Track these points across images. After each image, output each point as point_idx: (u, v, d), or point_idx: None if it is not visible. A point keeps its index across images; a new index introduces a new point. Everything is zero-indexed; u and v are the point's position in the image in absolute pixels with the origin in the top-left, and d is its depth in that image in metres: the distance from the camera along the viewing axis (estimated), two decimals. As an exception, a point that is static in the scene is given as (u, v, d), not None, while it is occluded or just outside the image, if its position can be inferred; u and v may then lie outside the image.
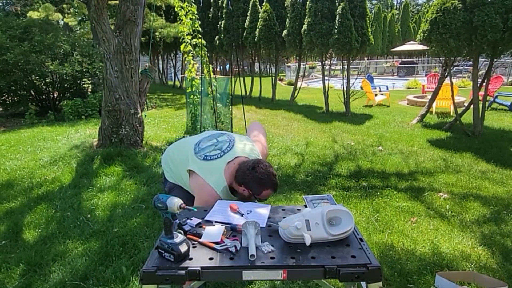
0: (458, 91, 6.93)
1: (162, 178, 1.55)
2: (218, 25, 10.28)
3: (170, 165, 1.52)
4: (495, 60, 4.27)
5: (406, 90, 11.47)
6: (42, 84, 6.53)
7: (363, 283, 0.91)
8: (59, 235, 2.17)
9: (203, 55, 4.40)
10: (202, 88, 4.29)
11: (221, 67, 14.44)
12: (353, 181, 3.10)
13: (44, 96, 6.93)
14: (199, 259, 0.88)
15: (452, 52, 4.21)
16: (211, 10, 10.88)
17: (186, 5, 4.16)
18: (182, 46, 4.37)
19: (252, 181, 1.24)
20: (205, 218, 1.09)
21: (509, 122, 5.57)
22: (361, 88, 8.10)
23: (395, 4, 35.07)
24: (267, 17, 7.82)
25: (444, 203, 2.62)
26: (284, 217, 1.01)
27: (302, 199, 1.29)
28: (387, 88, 8.74)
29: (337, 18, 5.94)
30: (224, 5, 9.77)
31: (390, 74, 18.43)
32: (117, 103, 3.88)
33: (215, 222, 1.06)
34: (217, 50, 10.58)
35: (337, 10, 5.96)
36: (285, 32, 7.29)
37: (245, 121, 4.53)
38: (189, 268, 0.85)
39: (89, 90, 7.30)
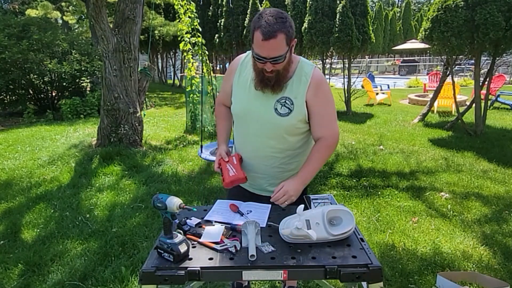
0: (460, 90, 6.92)
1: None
2: (218, 24, 10.25)
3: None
4: (497, 58, 4.25)
5: (408, 89, 11.46)
6: (41, 83, 6.52)
7: (364, 283, 0.90)
8: (58, 235, 2.16)
9: (203, 54, 4.38)
10: (202, 87, 4.27)
11: (221, 65, 14.41)
12: (354, 180, 3.09)
13: (42, 95, 6.92)
14: (199, 259, 0.87)
15: (454, 51, 4.19)
16: (210, 8, 10.85)
17: (185, 3, 4.13)
18: (181, 45, 4.34)
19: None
20: (205, 218, 1.08)
21: (511, 121, 5.55)
22: (362, 87, 8.08)
23: (397, 2, 34.99)
24: (267, 16, 7.77)
25: (446, 202, 2.60)
26: (283, 217, 0.99)
27: (303, 198, 1.27)
28: (388, 87, 8.72)
29: (337, 16, 5.91)
30: (224, 3, 9.73)
31: (391, 72, 18.42)
32: (116, 102, 3.86)
33: (215, 222, 1.05)
34: (217, 48, 10.55)
35: (338, 8, 5.93)
36: (285, 30, 7.24)
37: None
38: (188, 268, 0.84)
39: (88, 89, 7.28)
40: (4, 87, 6.17)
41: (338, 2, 6.06)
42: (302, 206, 0.92)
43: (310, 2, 6.25)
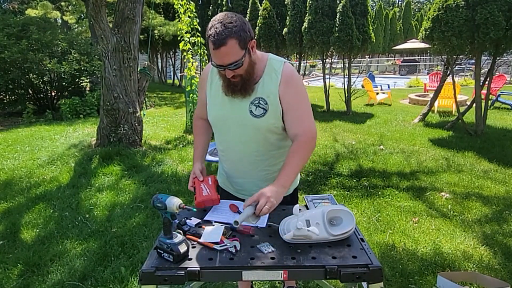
0: (461, 90, 6.91)
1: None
2: (218, 23, 10.23)
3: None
4: (497, 58, 4.24)
5: (408, 88, 11.44)
6: (40, 82, 6.51)
7: (364, 284, 0.89)
8: (57, 235, 2.16)
9: (202, 53, 4.37)
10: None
11: (221, 65, 14.36)
12: (354, 180, 3.08)
13: (42, 95, 6.91)
14: (199, 259, 0.87)
15: (454, 50, 4.19)
16: (210, 7, 10.83)
17: (185, 3, 4.13)
18: (181, 44, 4.33)
19: None
20: (205, 218, 1.07)
21: None
22: (363, 86, 8.08)
23: (397, 1, 34.99)
24: (266, 15, 7.78)
25: (446, 202, 2.60)
26: (283, 217, 0.99)
27: (303, 198, 1.27)
28: (389, 87, 8.71)
29: (338, 16, 5.91)
30: (223, 2, 9.73)
31: (391, 72, 18.40)
32: (116, 102, 3.86)
33: (215, 222, 1.04)
34: (217, 48, 10.51)
35: (338, 8, 5.93)
36: (285, 30, 7.25)
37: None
38: (188, 269, 0.83)
39: (87, 88, 7.27)
40: (4, 86, 6.16)
41: (338, 1, 6.06)
42: (297, 206, 0.90)
43: (310, 2, 6.24)
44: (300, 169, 1.04)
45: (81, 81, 7.02)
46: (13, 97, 6.67)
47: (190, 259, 0.87)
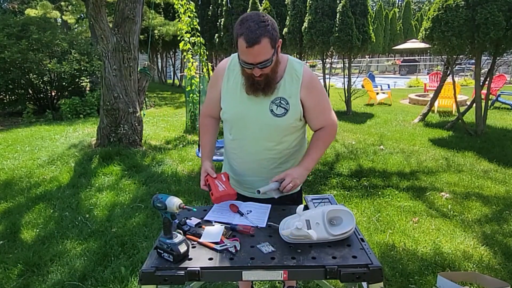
0: (461, 90, 6.91)
1: None
2: (218, 23, 10.24)
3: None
4: (498, 58, 4.24)
5: (408, 88, 11.45)
6: (40, 82, 6.51)
7: (364, 284, 0.90)
8: (57, 235, 2.16)
9: (202, 53, 4.37)
10: (202, 87, 4.26)
11: (221, 65, 14.36)
12: (354, 180, 3.08)
13: (42, 95, 6.91)
14: (199, 259, 0.87)
15: (454, 50, 4.19)
16: (210, 7, 10.84)
17: (185, 3, 4.12)
18: (181, 44, 4.33)
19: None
20: (205, 218, 1.07)
21: None
22: (363, 86, 8.08)
23: (397, 1, 34.99)
24: (267, 15, 7.76)
25: (446, 202, 2.60)
26: (283, 217, 0.99)
27: (303, 198, 1.27)
28: (389, 87, 8.71)
29: (338, 16, 5.91)
30: (223, 2, 9.73)
31: (391, 72, 18.42)
32: (116, 102, 3.86)
33: (215, 222, 1.05)
34: (217, 48, 10.54)
35: (338, 8, 5.93)
36: (285, 30, 7.25)
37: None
38: (188, 269, 0.83)
39: (88, 88, 7.27)
40: (4, 86, 6.16)
41: (338, 1, 6.05)
42: (302, 206, 0.92)
43: (310, 2, 6.24)
44: (322, 155, 1.15)
45: (81, 81, 7.01)
46: (13, 97, 6.67)
47: (190, 259, 0.87)
